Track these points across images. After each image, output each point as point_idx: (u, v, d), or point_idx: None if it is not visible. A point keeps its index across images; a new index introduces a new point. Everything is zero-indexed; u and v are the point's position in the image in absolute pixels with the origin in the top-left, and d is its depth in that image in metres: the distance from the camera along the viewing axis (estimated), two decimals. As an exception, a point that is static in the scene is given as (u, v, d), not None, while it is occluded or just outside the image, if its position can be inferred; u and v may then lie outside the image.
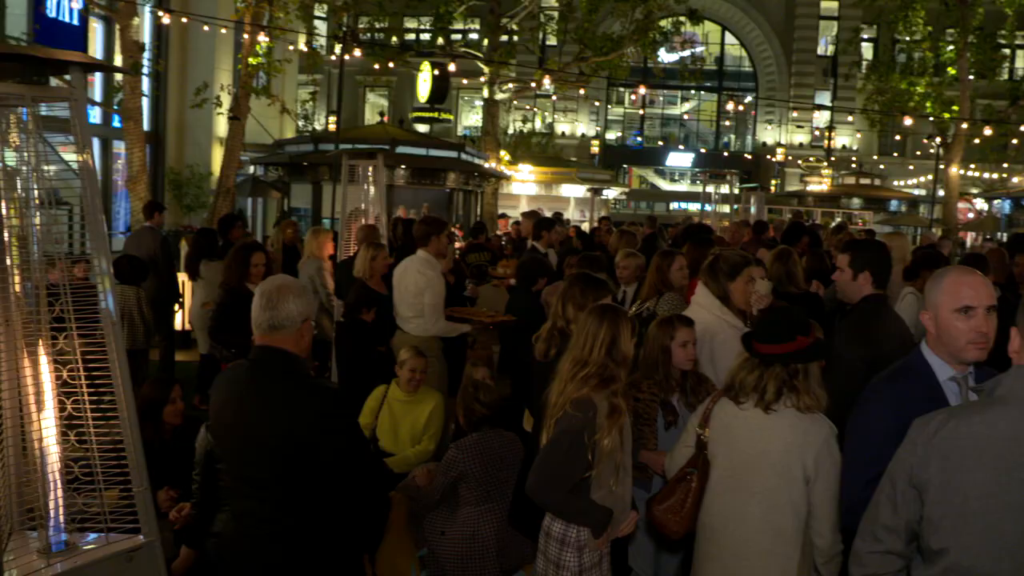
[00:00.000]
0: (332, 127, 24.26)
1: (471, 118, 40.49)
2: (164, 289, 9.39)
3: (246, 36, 15.28)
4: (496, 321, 7.33)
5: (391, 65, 23.29)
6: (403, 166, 17.88)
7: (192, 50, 18.30)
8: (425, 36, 28.94)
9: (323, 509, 3.13)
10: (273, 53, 15.99)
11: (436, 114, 25.51)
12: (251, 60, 15.20)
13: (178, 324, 10.40)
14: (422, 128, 27.33)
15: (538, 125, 38.62)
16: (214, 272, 9.05)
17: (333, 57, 22.93)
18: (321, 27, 28.77)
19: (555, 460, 3.57)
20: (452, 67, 21.37)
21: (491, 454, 4.69)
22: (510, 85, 23.93)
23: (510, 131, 33.49)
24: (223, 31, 16.72)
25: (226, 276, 6.96)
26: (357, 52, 20.08)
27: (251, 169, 20.42)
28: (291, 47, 18.98)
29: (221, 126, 17.39)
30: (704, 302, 4.99)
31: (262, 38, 15.52)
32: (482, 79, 23.13)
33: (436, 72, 22.97)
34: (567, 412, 3.56)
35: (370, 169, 9.79)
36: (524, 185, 24.12)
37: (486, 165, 21.48)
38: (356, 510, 3.25)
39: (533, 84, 23.82)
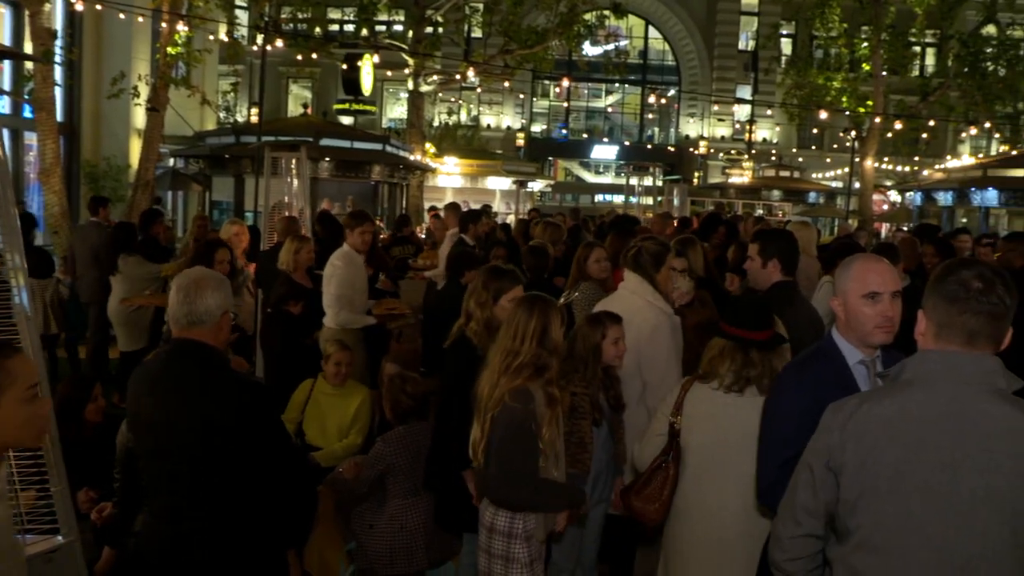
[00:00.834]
0: (254, 119, 23.86)
1: (396, 110, 40.20)
2: (108, 285, 9.13)
3: (164, 25, 14.91)
4: (401, 313, 7.31)
5: (314, 56, 22.99)
6: (327, 159, 17.69)
7: (108, 38, 17.76)
8: (349, 27, 28.62)
9: (245, 504, 3.09)
10: (193, 43, 15.63)
11: (348, 105, 25.21)
12: (170, 50, 14.83)
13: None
14: (346, 120, 27.07)
15: (463, 117, 38.51)
16: (132, 267, 8.85)
17: (255, 47, 22.53)
18: (242, 16, 28.24)
19: (514, 456, 3.53)
20: (376, 58, 21.20)
21: (418, 446, 4.70)
22: (435, 77, 23.82)
23: (435, 123, 33.34)
24: (140, 19, 16.26)
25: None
26: (279, 43, 19.78)
27: (171, 162, 19.95)
28: (211, 37, 18.61)
29: (139, 117, 16.95)
30: (637, 288, 5.06)
31: (181, 27, 15.16)
32: (407, 71, 22.99)
33: (344, 65, 22.71)
34: (507, 404, 3.54)
35: (293, 162, 9.69)
36: (450, 178, 24.04)
37: (411, 158, 21.36)
38: (280, 505, 3.21)
39: (458, 76, 23.79)
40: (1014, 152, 26.79)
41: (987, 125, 29.24)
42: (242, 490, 3.06)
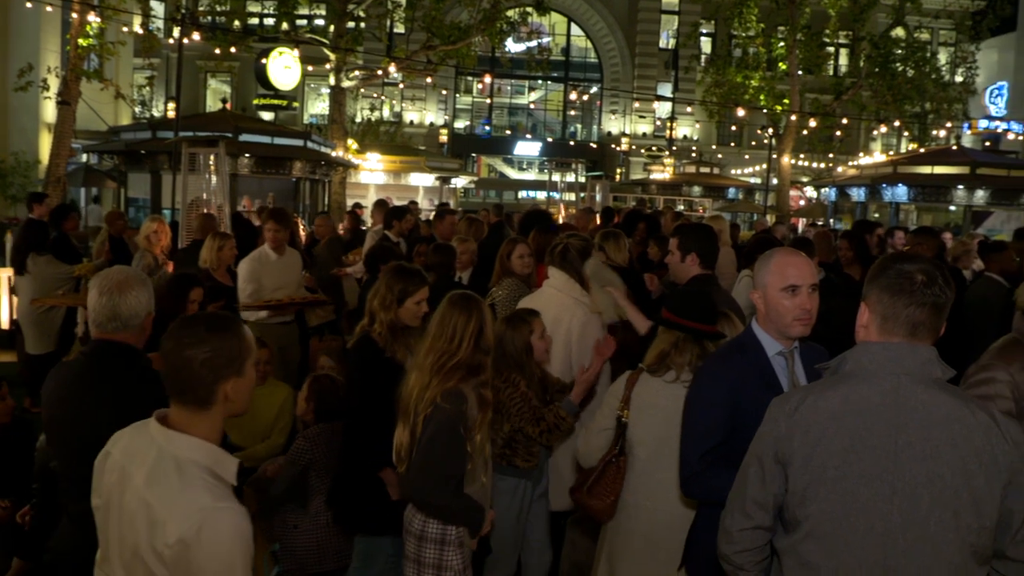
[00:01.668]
0: (171, 114, 23.33)
1: (318, 106, 39.73)
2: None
3: (75, 15, 14.48)
4: (304, 302, 7.19)
5: (233, 50, 22.57)
6: (247, 155, 17.36)
7: (14, 29, 17.22)
8: (269, 21, 28.15)
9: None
10: (105, 34, 15.21)
11: (268, 100, 24.78)
12: (81, 41, 14.41)
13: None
14: (267, 116, 26.63)
15: (386, 113, 38.27)
16: (42, 267, 8.57)
17: (171, 40, 22.07)
18: (158, 8, 27.58)
19: (438, 459, 3.45)
20: (296, 53, 20.90)
21: (339, 443, 4.66)
22: (357, 73, 23.61)
23: (358, 119, 33.06)
24: (49, 9, 15.78)
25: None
26: (196, 36, 19.38)
27: (84, 157, 19.40)
28: (125, 28, 18.10)
29: (49, 111, 16.47)
30: (562, 285, 5.08)
31: (93, 18, 14.73)
32: (328, 66, 22.72)
33: (261, 60, 22.34)
34: (439, 405, 3.45)
35: (212, 158, 9.50)
36: (373, 174, 23.80)
37: (333, 154, 21.11)
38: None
39: (380, 72, 23.60)
40: (922, 150, 27.71)
41: (897, 124, 30.21)
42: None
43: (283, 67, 22.31)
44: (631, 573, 3.72)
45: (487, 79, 38.53)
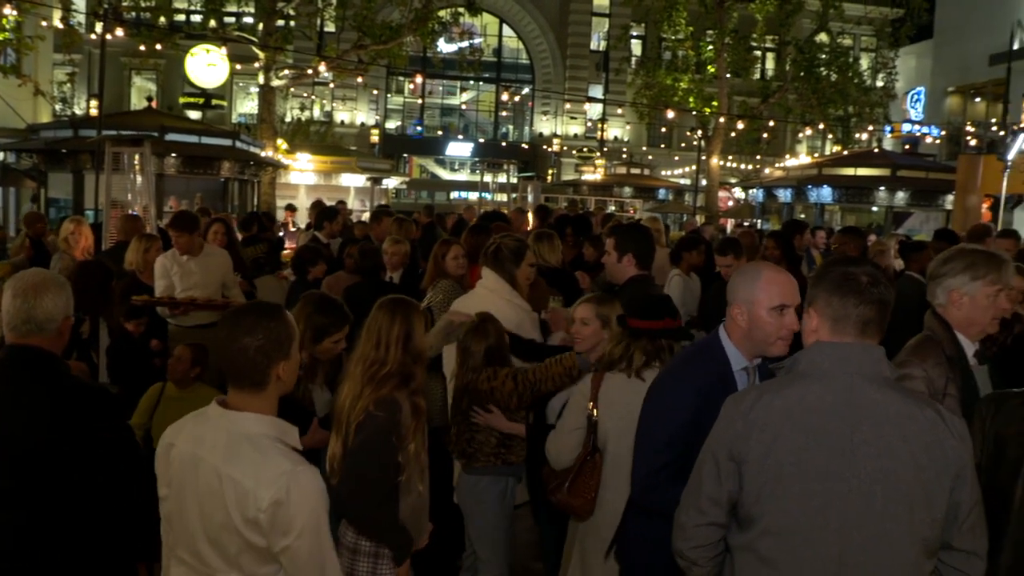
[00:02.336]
0: (94, 112, 22.74)
1: (247, 105, 39.13)
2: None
3: (-10, 10, 14.04)
4: (207, 305, 7.05)
5: (159, 47, 22.10)
6: (173, 154, 17.03)
7: (-74, 23, 16.60)
8: (197, 17, 27.61)
9: (87, 517, 2.91)
10: (23, 28, 14.76)
11: (195, 99, 24.36)
12: (-3, 36, 13.97)
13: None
14: (194, 115, 26.15)
15: (316, 113, 37.87)
16: (-41, 268, 8.29)
17: (94, 36, 21.47)
18: (79, 2, 26.85)
19: (367, 467, 3.31)
20: (224, 51, 20.55)
21: None
22: (287, 72, 23.28)
23: (288, 119, 32.64)
24: (-37, 3, 15.25)
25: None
26: (120, 32, 18.92)
27: (0, 156, 18.80)
28: (44, 23, 17.59)
29: (-36, 108, 15.91)
30: (495, 287, 5.06)
31: (9, 11, 14.28)
32: (257, 65, 22.37)
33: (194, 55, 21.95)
34: (370, 413, 3.33)
35: (136, 157, 9.29)
36: (303, 175, 23.49)
37: (263, 154, 20.81)
38: (125, 517, 3.04)
39: (310, 71, 23.32)
40: (845, 152, 28.39)
41: (821, 126, 30.89)
42: (85, 502, 2.89)
43: (206, 64, 21.89)
44: (605, 568, 3.73)
45: (418, 79, 38.39)
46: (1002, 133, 18.91)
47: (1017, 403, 2.86)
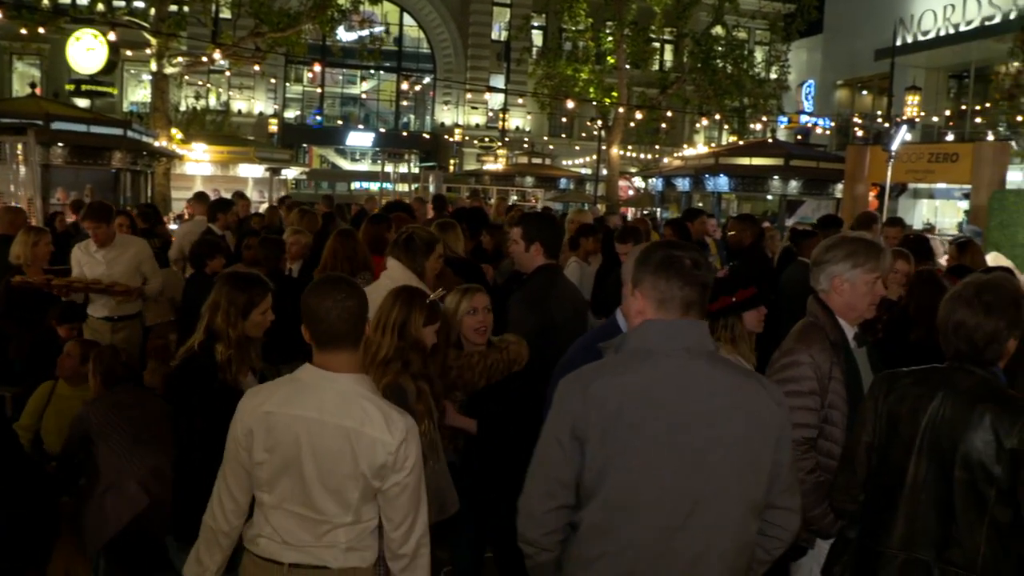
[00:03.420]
0: (-28, 99, 21.75)
1: (138, 93, 37.91)
2: None
3: None
4: (106, 289, 6.87)
5: (42, 31, 21.17)
6: (60, 144, 16.36)
7: None
8: (83, 0, 26.58)
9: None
10: None
11: (83, 86, 23.45)
12: None
13: None
14: (82, 103, 25.17)
15: (212, 102, 36.94)
16: None
17: (-29, 20, 20.50)
18: (-45, -15, 25.60)
19: None
20: (112, 36, 19.83)
21: (124, 407, 4.52)
22: (180, 59, 22.61)
23: (182, 108, 31.76)
24: None
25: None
26: (0, 14, 18.10)
27: None
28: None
29: None
30: (400, 278, 5.03)
31: None
32: (149, 51, 21.68)
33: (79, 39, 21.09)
34: None
35: (20, 147, 8.93)
36: (199, 165, 22.87)
37: (156, 144, 20.18)
38: (11, 521, 2.94)
39: (205, 59, 22.72)
40: (741, 142, 29.07)
41: (717, 117, 31.61)
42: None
43: (85, 49, 21.05)
44: None
45: (317, 68, 37.78)
46: (887, 125, 19.68)
47: (908, 382, 2.97)
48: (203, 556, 3.02)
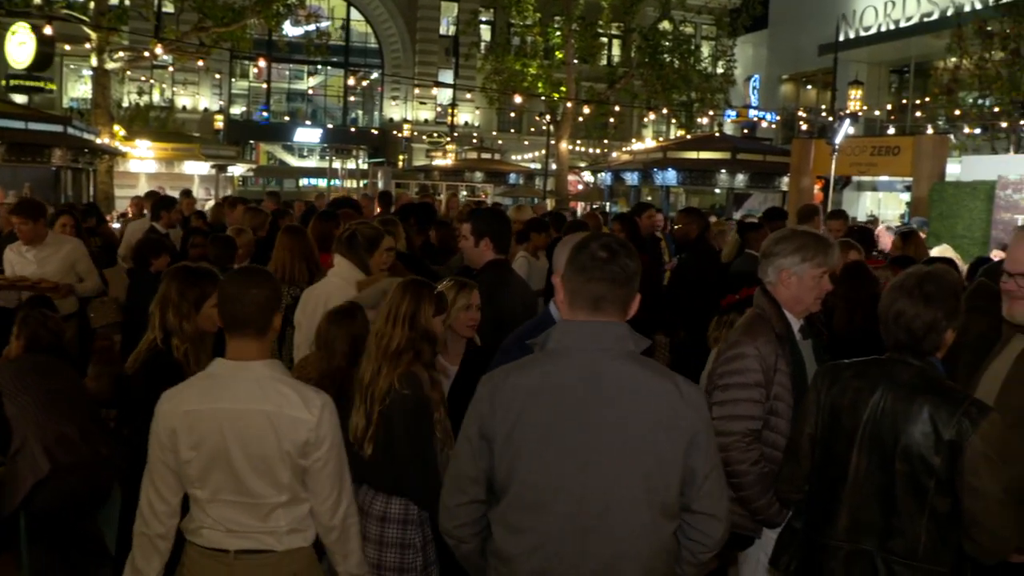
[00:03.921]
0: (-96, 95, 21.10)
1: (79, 89, 37.11)
2: None
3: None
4: (45, 287, 6.74)
5: (-24, 26, 20.65)
6: (-3, 141, 15.97)
7: None
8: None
9: None
10: None
11: (20, 81, 22.87)
12: None
13: None
14: (19, 98, 24.56)
15: (156, 98, 36.32)
16: None
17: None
18: None
19: (423, 442, 3.53)
20: (49, 30, 19.36)
21: (40, 371, 4.53)
22: (122, 54, 22.17)
23: (125, 104, 31.17)
24: None
25: None
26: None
27: None
28: None
29: None
30: (347, 274, 5.00)
31: None
32: (89, 46, 21.22)
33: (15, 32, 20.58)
34: (397, 391, 3.48)
35: (-46, 144, 8.68)
36: (143, 162, 22.47)
37: (98, 141, 19.78)
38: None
39: (148, 53, 22.30)
40: (689, 136, 29.34)
41: (665, 111, 31.83)
42: None
43: (18, 43, 20.55)
44: None
45: (263, 63, 37.31)
46: (831, 119, 19.97)
47: (850, 375, 3.01)
48: (140, 564, 3.02)
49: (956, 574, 2.86)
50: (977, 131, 21.59)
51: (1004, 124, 20.19)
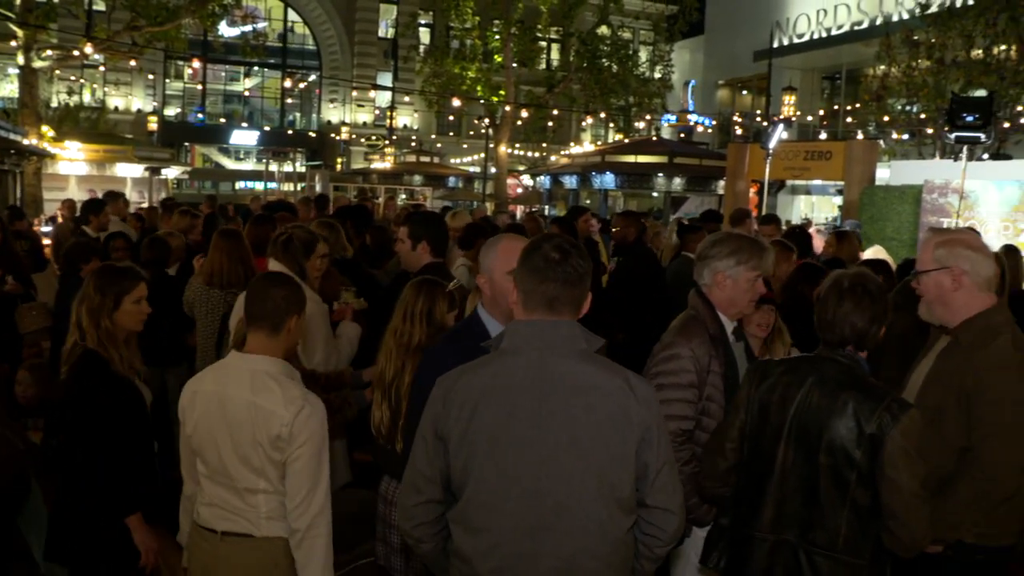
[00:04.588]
0: None
1: (5, 88, 36.12)
2: None
3: None
4: None
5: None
6: (-81, 141, 15.50)
7: None
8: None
9: None
10: None
11: None
12: None
13: None
14: (-57, 98, 23.90)
15: (87, 98, 35.52)
16: None
17: None
18: None
19: None
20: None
21: None
22: (50, 52, 21.64)
23: (54, 104, 30.42)
24: None
25: None
26: None
27: None
28: None
29: None
30: (284, 280, 4.95)
31: None
32: (15, 43, 20.67)
33: None
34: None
35: None
36: (73, 164, 21.93)
37: (25, 142, 19.28)
38: None
39: (78, 52, 21.81)
40: (626, 140, 29.60)
41: (603, 115, 32.09)
42: None
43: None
44: None
45: (198, 64, 36.73)
46: (765, 124, 20.31)
47: (779, 372, 3.09)
48: (181, 520, 3.49)
49: (874, 566, 2.95)
50: (905, 137, 22.12)
51: (930, 130, 20.73)
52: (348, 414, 4.40)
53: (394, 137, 38.41)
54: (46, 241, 11.08)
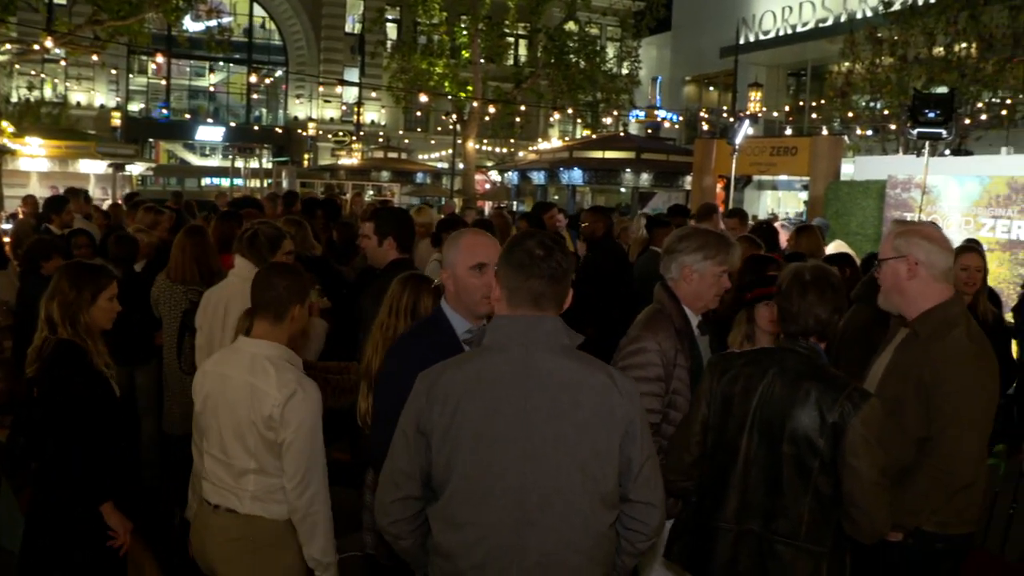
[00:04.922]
0: None
1: (-36, 83, 35.58)
2: None
3: None
4: None
5: None
6: None
7: None
8: None
9: None
10: None
11: None
12: None
13: None
14: (-100, 93, 23.46)
15: (48, 93, 35.03)
16: None
17: None
18: None
19: None
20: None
21: None
22: (9, 46, 21.33)
23: (13, 99, 29.98)
24: None
25: None
26: None
27: None
28: None
29: None
30: (248, 275, 4.87)
31: None
32: (-27, 38, 20.38)
33: None
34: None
35: None
36: (34, 161, 21.60)
37: (-15, 137, 19.03)
38: None
39: (37, 47, 21.49)
40: (594, 136, 29.69)
41: (571, 111, 32.14)
42: None
43: None
44: None
45: (161, 59, 36.30)
46: (731, 120, 20.43)
47: (741, 363, 3.14)
48: (190, 497, 3.67)
49: (835, 553, 3.00)
50: (869, 133, 22.35)
51: (893, 126, 20.95)
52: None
53: (361, 133, 38.25)
54: (6, 239, 10.94)
